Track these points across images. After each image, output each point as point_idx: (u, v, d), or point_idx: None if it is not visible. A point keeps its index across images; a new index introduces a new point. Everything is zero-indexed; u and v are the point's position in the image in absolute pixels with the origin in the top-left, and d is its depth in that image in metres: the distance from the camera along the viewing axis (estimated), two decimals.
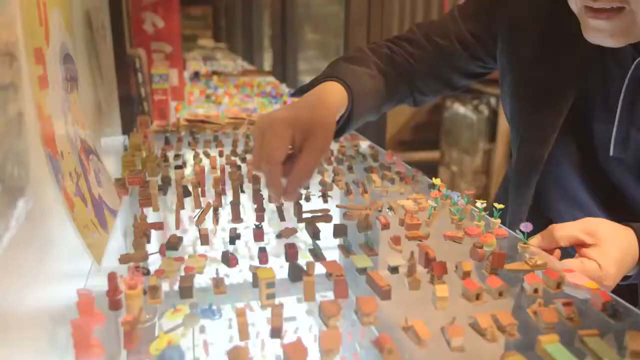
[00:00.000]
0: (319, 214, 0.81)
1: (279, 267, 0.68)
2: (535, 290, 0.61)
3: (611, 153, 0.83)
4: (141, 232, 0.72)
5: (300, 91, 0.85)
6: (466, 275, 0.63)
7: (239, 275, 0.68)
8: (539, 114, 0.88)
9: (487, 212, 0.81)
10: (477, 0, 0.96)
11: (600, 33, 0.72)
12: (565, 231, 0.72)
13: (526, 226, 0.71)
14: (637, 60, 0.76)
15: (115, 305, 0.57)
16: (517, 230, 0.74)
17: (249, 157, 1.13)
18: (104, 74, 1.12)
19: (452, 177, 4.21)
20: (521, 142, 0.91)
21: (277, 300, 0.61)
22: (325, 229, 0.77)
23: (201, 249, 0.75)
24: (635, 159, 0.81)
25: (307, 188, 0.95)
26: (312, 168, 0.69)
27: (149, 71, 1.55)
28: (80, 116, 0.83)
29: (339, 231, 0.76)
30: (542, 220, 0.81)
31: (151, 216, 0.86)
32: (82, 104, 0.85)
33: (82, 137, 0.81)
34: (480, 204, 0.80)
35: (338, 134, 0.85)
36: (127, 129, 1.35)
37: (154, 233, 0.77)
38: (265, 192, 0.85)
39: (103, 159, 0.91)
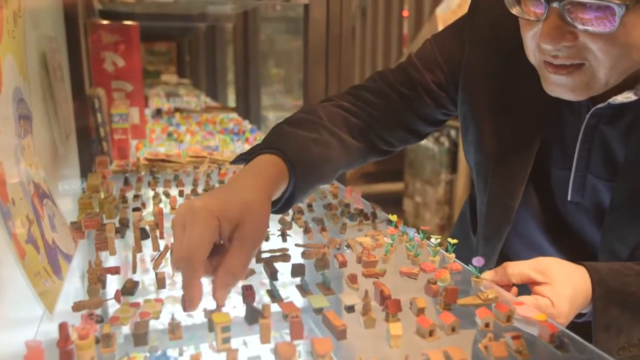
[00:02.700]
0: (278, 254, 0.82)
1: (242, 305, 0.68)
2: (487, 325, 0.63)
3: (569, 198, 0.85)
4: (96, 277, 0.71)
5: (240, 159, 0.81)
6: (420, 311, 0.65)
7: (199, 316, 0.68)
8: (507, 165, 0.88)
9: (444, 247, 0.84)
10: (436, 49, 0.96)
11: (560, 88, 0.74)
12: (517, 269, 0.74)
13: (478, 260, 0.73)
14: (591, 110, 0.79)
15: (66, 356, 0.55)
16: (469, 265, 0.76)
17: None
18: (60, 116, 1.11)
19: (416, 208, 4.27)
20: (491, 196, 0.91)
21: (241, 339, 0.61)
22: (284, 269, 0.78)
23: (161, 292, 0.74)
24: (592, 203, 0.84)
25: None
26: (245, 263, 0.62)
27: (109, 110, 1.55)
28: (34, 160, 0.82)
29: (297, 271, 0.76)
30: (503, 261, 0.83)
31: (111, 260, 0.85)
32: (37, 147, 0.84)
33: (36, 182, 0.80)
34: (434, 239, 0.82)
35: (283, 208, 0.80)
36: (85, 171, 1.33)
37: (111, 278, 0.77)
38: None
39: (60, 201, 0.90)
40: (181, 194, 1.15)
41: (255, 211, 0.65)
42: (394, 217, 0.94)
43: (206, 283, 0.75)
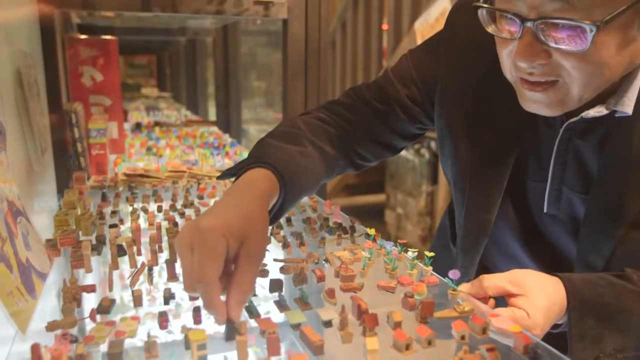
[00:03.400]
0: None
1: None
2: (462, 337, 0.64)
3: (545, 210, 0.87)
4: (70, 296, 0.70)
5: (227, 174, 0.81)
6: (397, 325, 0.65)
7: (177, 333, 0.67)
8: (484, 178, 0.90)
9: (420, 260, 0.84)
10: (411, 65, 0.97)
11: (536, 104, 0.75)
12: (492, 281, 0.75)
13: (454, 273, 0.74)
14: (565, 124, 0.81)
15: None
16: (446, 278, 0.76)
17: (187, 212, 1.12)
18: (36, 132, 1.10)
19: (398, 220, 4.29)
20: (468, 208, 0.92)
21: (221, 356, 0.62)
22: (263, 284, 0.78)
23: (139, 309, 0.74)
24: (567, 215, 0.86)
25: None
26: (253, 279, 0.64)
27: (87, 125, 1.53)
28: (8, 177, 0.81)
29: (275, 286, 0.76)
30: (482, 272, 0.84)
31: (89, 277, 0.84)
32: (11, 164, 0.83)
33: (9, 199, 0.79)
34: (412, 252, 0.82)
35: (272, 221, 0.79)
36: (62, 187, 1.32)
37: (88, 296, 0.76)
38: None
39: (35, 218, 0.89)
40: (160, 209, 1.14)
41: (258, 225, 0.66)
42: (371, 231, 0.94)
43: (186, 299, 0.75)
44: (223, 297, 0.62)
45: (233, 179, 0.80)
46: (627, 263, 0.80)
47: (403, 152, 4.17)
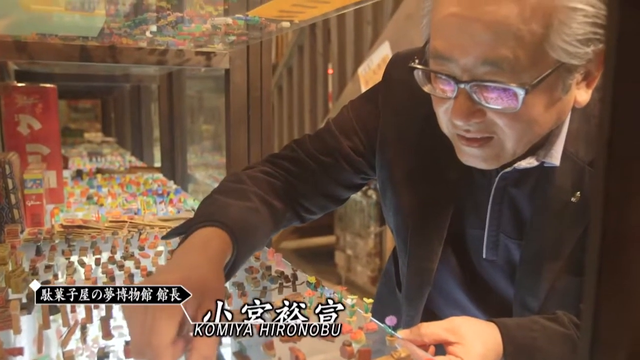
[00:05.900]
0: None
1: None
2: None
3: (484, 256, 0.90)
4: None
5: (175, 233, 0.80)
6: None
7: None
8: (424, 229, 0.91)
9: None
10: (352, 116, 0.98)
11: (474, 158, 0.79)
12: (429, 329, 0.76)
13: (391, 319, 0.76)
14: (500, 174, 0.84)
15: None
16: (383, 324, 0.77)
17: (127, 264, 1.10)
18: None
19: (348, 261, 4.30)
20: (410, 259, 0.94)
21: None
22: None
23: None
24: (505, 260, 0.89)
25: None
26: (215, 344, 0.62)
27: (22, 176, 1.49)
28: None
29: None
30: (428, 317, 0.85)
31: (22, 338, 0.80)
32: None
33: None
34: (350, 300, 0.83)
35: (224, 280, 0.78)
36: None
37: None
38: None
39: None
40: (97, 262, 1.11)
41: (216, 286, 0.65)
42: (312, 279, 0.95)
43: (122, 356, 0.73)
44: None
45: (180, 238, 0.78)
46: (559, 304, 0.83)
47: None
